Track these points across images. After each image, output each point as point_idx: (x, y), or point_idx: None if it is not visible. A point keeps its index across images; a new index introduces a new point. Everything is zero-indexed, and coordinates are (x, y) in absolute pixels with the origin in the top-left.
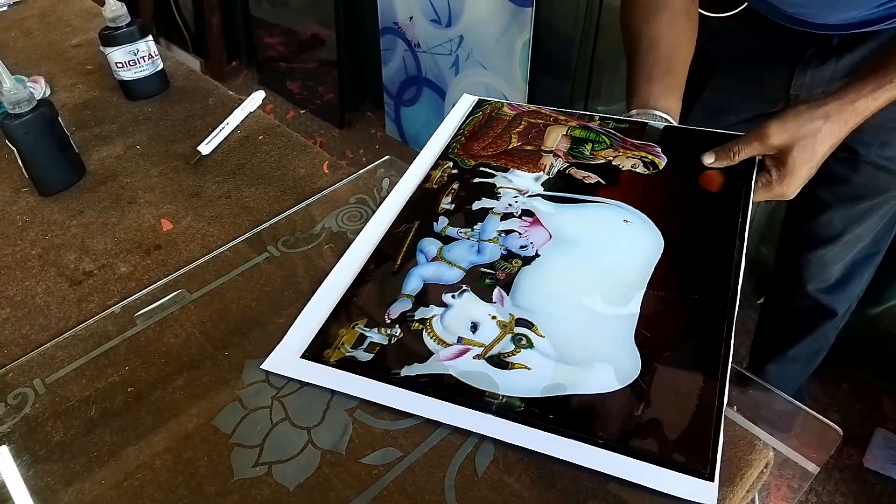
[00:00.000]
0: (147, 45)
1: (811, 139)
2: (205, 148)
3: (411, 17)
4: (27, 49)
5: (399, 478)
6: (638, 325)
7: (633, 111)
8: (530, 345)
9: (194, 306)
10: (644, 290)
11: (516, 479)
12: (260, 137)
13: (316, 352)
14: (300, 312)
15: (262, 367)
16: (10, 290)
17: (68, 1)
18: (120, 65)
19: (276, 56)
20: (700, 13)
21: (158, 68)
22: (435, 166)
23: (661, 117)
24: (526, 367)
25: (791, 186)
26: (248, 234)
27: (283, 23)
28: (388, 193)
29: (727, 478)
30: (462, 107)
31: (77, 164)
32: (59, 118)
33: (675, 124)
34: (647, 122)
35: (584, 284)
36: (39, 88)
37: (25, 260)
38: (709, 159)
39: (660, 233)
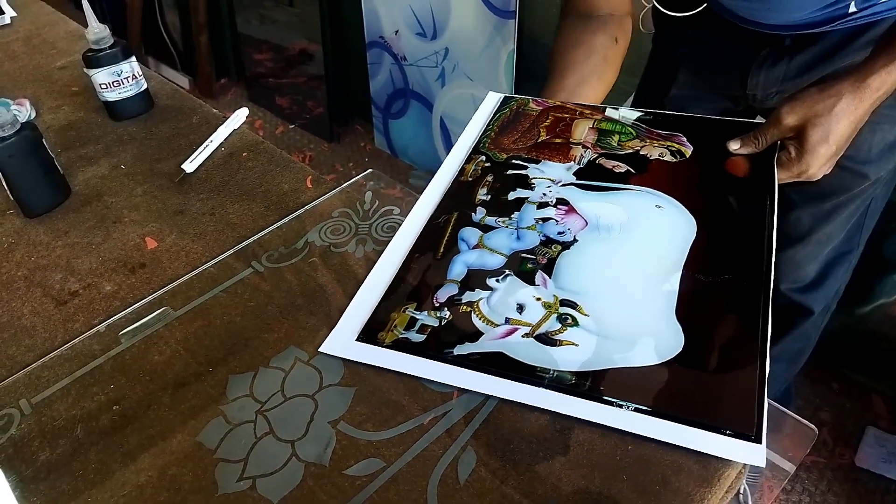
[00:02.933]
0: (131, 66)
1: (825, 117)
2: (189, 166)
3: (397, 31)
4: (12, 72)
5: (382, 488)
6: (678, 303)
7: None
8: (576, 323)
9: (179, 323)
10: (680, 271)
11: (497, 487)
12: (244, 154)
13: (370, 334)
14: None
15: (320, 349)
16: None
17: (53, 24)
18: (104, 86)
19: (264, 72)
20: (662, 12)
21: (142, 88)
22: (468, 160)
23: None
24: (573, 344)
25: (812, 166)
26: (232, 251)
27: (271, 39)
28: (372, 206)
29: (705, 479)
30: (489, 104)
31: (62, 185)
32: (44, 140)
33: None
34: (670, 113)
35: (623, 266)
36: (25, 111)
37: (11, 281)
38: (734, 145)
39: (692, 217)
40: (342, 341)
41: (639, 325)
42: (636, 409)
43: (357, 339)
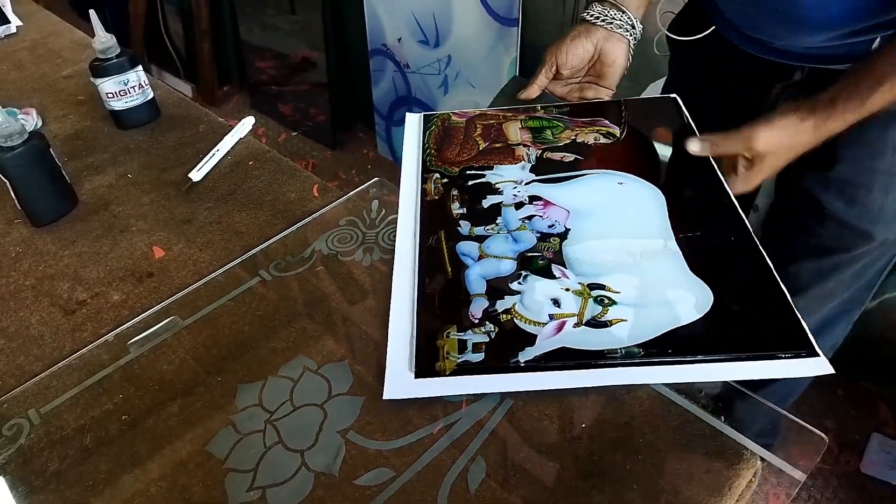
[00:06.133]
0: (137, 75)
1: (787, 149)
2: (196, 175)
3: (399, 39)
4: (18, 81)
5: (392, 498)
6: (687, 262)
7: (593, 2)
8: (613, 302)
9: (187, 332)
10: (672, 235)
11: (509, 495)
12: (250, 163)
13: (426, 368)
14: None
15: (384, 398)
16: (4, 321)
17: (59, 33)
18: (111, 95)
19: (267, 80)
20: (668, 36)
21: (149, 97)
22: (424, 181)
23: (619, 7)
24: (623, 320)
25: (750, 185)
26: (239, 259)
27: (274, 47)
28: (378, 214)
29: (716, 488)
30: (413, 126)
31: (69, 194)
32: (51, 149)
33: (633, 18)
34: (585, 102)
35: (622, 241)
36: (31, 120)
37: (19, 291)
38: (693, 147)
39: (655, 187)
40: (402, 382)
41: (667, 289)
42: (706, 361)
43: (417, 377)
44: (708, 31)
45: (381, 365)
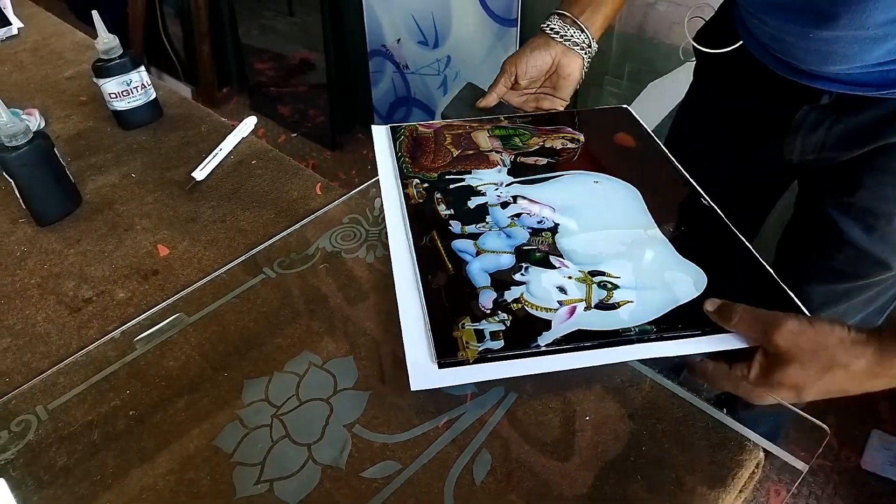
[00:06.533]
0: (140, 76)
1: (823, 367)
2: (199, 174)
3: (399, 40)
4: (21, 82)
5: (398, 490)
6: (675, 248)
7: (555, 15)
8: (615, 286)
9: (193, 329)
10: (655, 225)
11: (513, 488)
12: (253, 162)
13: (449, 358)
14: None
15: (412, 389)
16: (10, 319)
17: (60, 34)
18: (113, 95)
19: (266, 81)
20: (696, 47)
21: (151, 97)
22: (405, 186)
23: (580, 26)
24: (630, 302)
25: (756, 392)
26: (243, 257)
27: (273, 48)
28: (381, 212)
29: (719, 479)
30: (382, 136)
31: (73, 193)
32: (55, 149)
33: (591, 38)
34: (544, 112)
35: (610, 232)
36: (34, 121)
37: (25, 289)
38: (710, 307)
39: (629, 184)
40: (427, 374)
41: (664, 272)
42: (713, 333)
43: (441, 367)
44: (735, 46)
45: (386, 360)
